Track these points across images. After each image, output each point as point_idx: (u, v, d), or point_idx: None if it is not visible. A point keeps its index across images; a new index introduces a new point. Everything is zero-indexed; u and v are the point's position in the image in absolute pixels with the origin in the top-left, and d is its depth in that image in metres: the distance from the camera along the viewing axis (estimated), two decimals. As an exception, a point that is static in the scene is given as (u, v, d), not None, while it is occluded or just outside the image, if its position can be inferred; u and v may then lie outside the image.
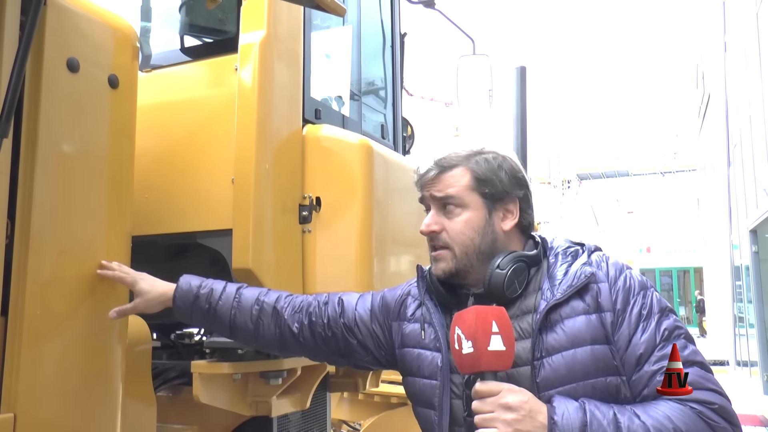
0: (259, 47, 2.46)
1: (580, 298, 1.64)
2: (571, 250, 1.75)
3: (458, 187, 1.76)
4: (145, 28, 3.22)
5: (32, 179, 1.81)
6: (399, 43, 3.82)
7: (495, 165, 1.76)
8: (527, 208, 1.80)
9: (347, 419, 6.06)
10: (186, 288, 2.09)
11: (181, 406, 2.89)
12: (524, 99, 7.74)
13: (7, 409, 1.72)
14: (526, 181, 1.81)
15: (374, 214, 2.66)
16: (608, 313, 1.62)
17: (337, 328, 1.99)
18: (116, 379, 2.09)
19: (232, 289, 2.08)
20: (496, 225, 1.76)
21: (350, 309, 2.01)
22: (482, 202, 1.75)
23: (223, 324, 2.08)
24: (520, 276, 1.69)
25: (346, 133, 2.81)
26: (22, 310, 1.77)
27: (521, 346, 1.63)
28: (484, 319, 1.52)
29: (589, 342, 1.59)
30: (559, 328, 1.62)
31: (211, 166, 2.59)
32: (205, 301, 2.06)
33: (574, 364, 1.58)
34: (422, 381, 1.79)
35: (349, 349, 2.01)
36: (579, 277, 1.65)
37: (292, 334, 2.02)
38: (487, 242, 1.74)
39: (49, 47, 1.88)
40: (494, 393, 1.51)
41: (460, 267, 1.75)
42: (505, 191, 1.75)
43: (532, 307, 1.68)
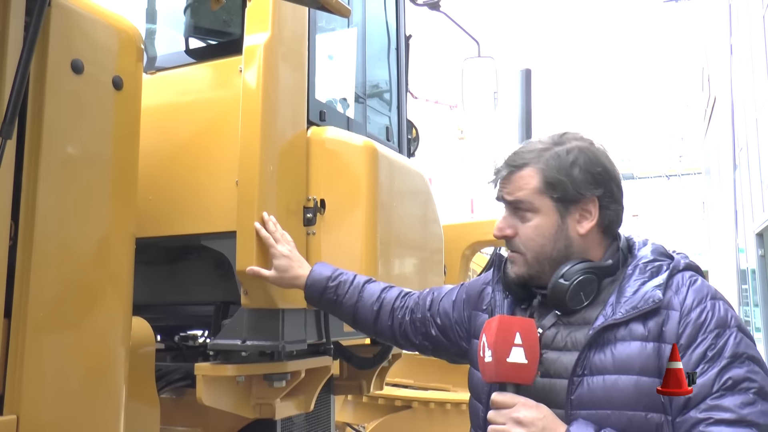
0: (264, 49, 2.45)
1: (642, 322, 1.51)
2: (653, 266, 1.58)
3: (527, 190, 1.65)
4: (150, 29, 3.22)
5: (36, 181, 1.81)
6: (404, 46, 3.81)
7: (568, 162, 1.61)
8: (610, 204, 1.64)
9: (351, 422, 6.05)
10: (318, 277, 2.19)
11: (185, 409, 2.89)
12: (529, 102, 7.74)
13: (10, 411, 1.72)
14: (609, 174, 1.64)
15: (379, 216, 2.65)
16: (669, 345, 1.47)
17: (427, 320, 2.02)
18: (120, 381, 2.08)
19: (359, 283, 2.17)
20: (571, 229, 1.63)
21: (437, 300, 2.03)
22: (553, 206, 1.63)
23: (347, 315, 2.21)
24: (587, 288, 1.58)
25: (350, 135, 2.80)
26: (26, 312, 1.76)
27: (569, 358, 1.55)
28: (507, 330, 1.49)
29: (637, 372, 1.47)
30: (609, 349, 1.51)
31: (215, 167, 2.58)
32: (333, 293, 2.17)
33: (614, 390, 1.48)
34: (477, 374, 1.73)
35: (439, 342, 2.01)
36: (647, 300, 1.51)
37: (402, 332, 2.09)
38: (559, 248, 1.63)
39: (54, 49, 1.88)
40: (509, 405, 1.47)
41: (533, 273, 1.67)
42: (578, 192, 1.61)
43: (592, 320, 1.57)
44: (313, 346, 2.79)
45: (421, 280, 3.10)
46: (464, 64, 4.41)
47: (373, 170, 2.66)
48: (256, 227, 2.29)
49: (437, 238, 3.36)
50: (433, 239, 3.31)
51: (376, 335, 2.24)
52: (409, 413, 5.71)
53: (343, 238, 2.60)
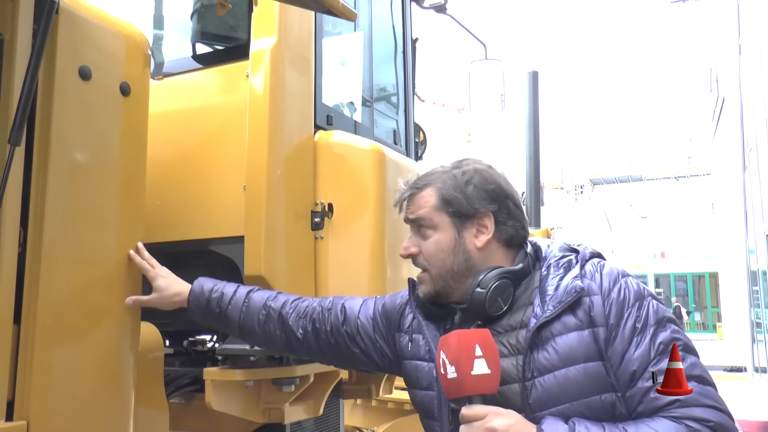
0: (271, 53, 2.46)
1: (572, 313, 1.59)
2: (564, 261, 1.68)
3: (427, 208, 1.75)
4: (157, 35, 3.23)
5: (44, 187, 1.82)
6: (411, 49, 3.81)
7: (462, 181, 1.73)
8: (507, 220, 1.74)
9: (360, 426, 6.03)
10: (198, 291, 2.15)
11: (194, 413, 2.89)
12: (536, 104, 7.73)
13: (20, 416, 1.72)
14: (504, 192, 1.75)
15: (387, 220, 2.65)
16: (601, 328, 1.56)
17: (340, 336, 2.01)
18: (129, 386, 2.08)
19: (242, 294, 2.12)
20: (469, 243, 1.72)
21: (353, 317, 2.01)
22: (450, 222, 1.73)
23: (232, 327, 2.15)
24: (503, 293, 1.66)
25: (358, 139, 2.80)
26: (35, 318, 1.77)
27: (510, 363, 1.60)
28: (467, 344, 1.50)
29: (582, 360, 1.55)
30: (550, 346, 1.58)
31: (222, 172, 2.58)
32: (216, 305, 2.12)
33: (567, 383, 1.54)
34: (422, 392, 1.80)
35: (353, 357, 2.02)
36: (569, 292, 1.60)
37: (297, 339, 2.05)
38: (459, 261, 1.72)
39: (62, 55, 1.89)
40: (480, 417, 1.49)
41: (439, 288, 1.75)
42: (473, 207, 1.72)
43: (521, 323, 1.63)
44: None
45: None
46: (471, 66, 4.41)
47: (381, 174, 2.66)
48: (130, 255, 2.11)
49: (445, 242, 3.35)
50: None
51: (267, 345, 2.19)
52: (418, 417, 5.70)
53: (351, 242, 2.60)
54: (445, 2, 4.14)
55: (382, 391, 3.65)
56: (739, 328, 19.93)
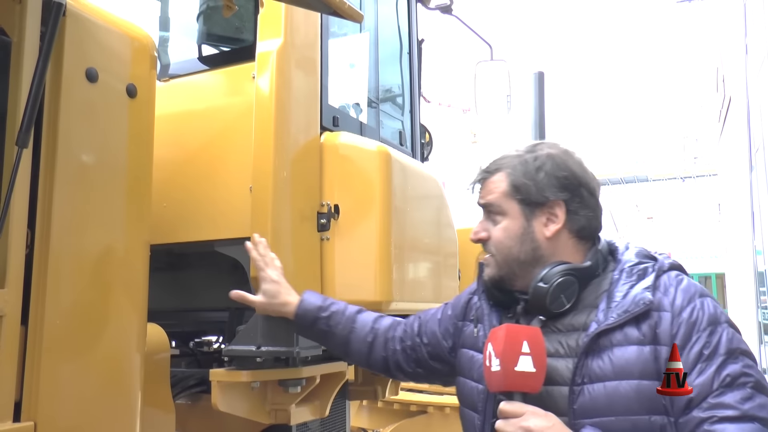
0: (277, 55, 2.46)
1: (636, 325, 1.51)
2: (639, 268, 1.60)
3: (497, 193, 1.71)
4: (164, 37, 3.24)
5: (52, 189, 1.82)
6: (417, 50, 3.81)
7: (534, 167, 1.67)
8: (580, 210, 1.67)
9: (367, 427, 6.04)
10: (308, 307, 2.12)
11: (200, 414, 2.89)
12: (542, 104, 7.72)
13: (27, 417, 1.73)
14: (578, 179, 1.67)
15: (393, 221, 2.65)
16: (665, 347, 1.48)
17: (417, 346, 2.00)
18: (135, 387, 2.09)
19: (352, 314, 2.12)
20: (537, 232, 1.66)
21: (424, 324, 2.01)
22: (520, 209, 1.68)
23: (339, 347, 2.16)
24: (567, 290, 1.59)
25: (364, 141, 2.80)
26: (42, 320, 1.77)
27: (564, 364, 1.55)
28: (514, 339, 1.48)
29: (637, 376, 1.48)
30: (607, 355, 1.51)
31: (229, 174, 2.59)
32: (325, 323, 2.11)
33: (616, 397, 1.48)
34: (471, 383, 1.76)
35: (431, 366, 2.00)
36: (637, 303, 1.52)
37: (395, 362, 2.05)
38: (526, 250, 1.66)
39: (69, 58, 1.89)
40: (518, 414, 1.46)
41: (503, 275, 1.70)
42: (543, 195, 1.65)
43: (582, 325, 1.57)
44: (328, 351, 2.78)
45: (435, 284, 3.10)
46: (477, 67, 4.41)
47: (387, 175, 2.66)
48: (247, 247, 2.22)
49: (451, 243, 3.35)
50: (447, 243, 3.30)
51: (369, 367, 2.18)
52: (425, 418, 5.69)
53: (357, 244, 2.60)
54: (450, 3, 4.14)
55: (388, 393, 3.65)
56: (746, 329, 19.85)
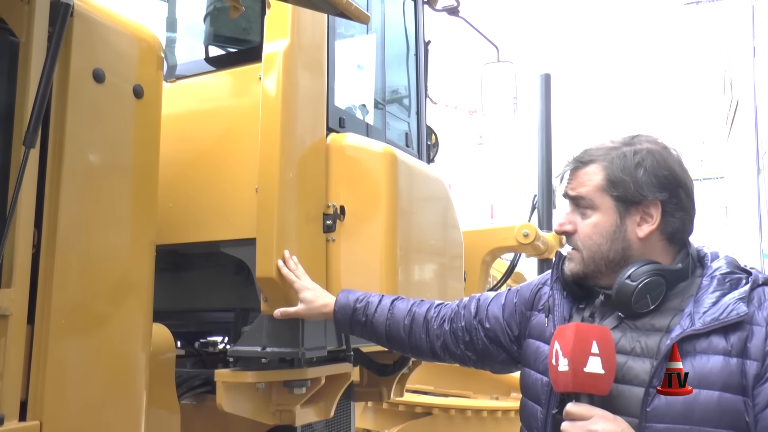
0: (283, 56, 2.46)
1: (724, 335, 1.45)
2: (732, 278, 1.53)
3: (589, 186, 1.64)
4: (170, 38, 3.24)
5: (58, 189, 1.83)
6: (423, 51, 3.81)
7: (633, 163, 1.59)
8: (675, 211, 1.60)
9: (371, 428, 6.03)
10: (344, 302, 2.21)
11: (205, 415, 2.90)
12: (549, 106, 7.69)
13: (33, 416, 1.73)
14: (678, 180, 1.60)
15: (399, 222, 2.65)
16: (755, 362, 1.41)
17: (473, 328, 1.97)
18: (140, 387, 2.09)
19: (387, 302, 2.17)
20: (630, 231, 1.59)
21: (484, 306, 1.99)
22: (613, 206, 1.60)
23: (379, 335, 2.19)
24: (654, 291, 1.53)
25: (370, 142, 2.80)
26: (48, 319, 1.77)
27: (640, 364, 1.51)
28: (583, 338, 1.44)
29: (719, 387, 1.42)
30: (689, 362, 1.45)
31: (235, 175, 2.59)
32: (362, 314, 2.17)
33: (694, 406, 1.42)
34: (536, 375, 1.72)
35: (485, 350, 1.97)
36: (729, 312, 1.45)
37: (442, 343, 2.05)
38: (616, 249, 1.60)
39: (76, 58, 1.90)
40: (585, 417, 1.42)
41: (588, 271, 1.65)
42: (640, 194, 1.58)
43: (665, 327, 1.52)
44: (333, 352, 2.78)
45: (440, 286, 3.09)
46: (483, 69, 4.41)
47: (393, 176, 2.66)
48: (278, 265, 2.30)
49: (457, 244, 3.34)
50: (453, 245, 3.29)
51: (412, 351, 2.18)
52: (430, 420, 5.69)
53: (363, 245, 2.60)
54: (457, 5, 4.14)
55: (393, 394, 3.65)
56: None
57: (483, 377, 6.04)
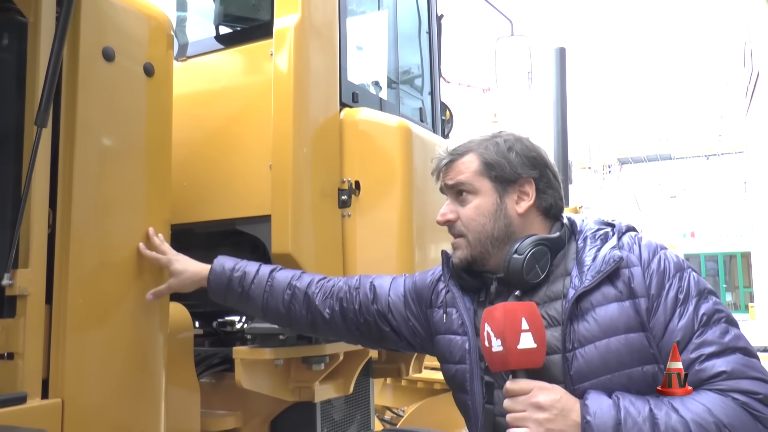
0: (294, 31, 2.44)
1: (611, 284, 1.57)
2: (600, 233, 1.67)
3: (468, 173, 1.75)
4: (181, 17, 3.23)
5: (71, 168, 1.83)
6: (436, 26, 3.76)
7: (505, 148, 1.74)
8: (547, 189, 1.74)
9: (390, 405, 6.07)
10: (219, 271, 2.12)
11: (224, 392, 2.91)
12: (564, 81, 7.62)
13: (55, 394, 1.76)
14: (544, 160, 1.76)
15: (414, 196, 2.63)
16: (642, 299, 1.55)
17: (370, 315, 2.00)
18: (159, 366, 2.10)
19: (265, 273, 2.11)
20: (510, 209, 1.72)
21: (383, 295, 2.00)
22: (492, 187, 1.73)
23: (255, 307, 2.13)
24: (541, 260, 1.64)
25: (384, 116, 2.77)
26: (66, 298, 1.79)
27: (550, 334, 1.58)
28: (513, 317, 1.49)
29: (623, 330, 1.53)
30: (591, 316, 1.56)
31: (248, 152, 2.58)
32: (238, 284, 2.10)
33: (608, 354, 1.52)
34: (454, 366, 1.78)
35: (383, 336, 2.01)
36: (608, 262, 1.58)
37: (324, 319, 2.04)
38: (500, 227, 1.71)
39: (85, 37, 1.90)
40: (525, 391, 1.48)
41: (476, 254, 1.74)
42: (515, 172, 1.72)
43: (560, 293, 1.62)
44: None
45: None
46: (497, 44, 4.35)
47: (408, 150, 2.63)
48: (139, 248, 2.07)
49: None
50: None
51: (291, 325, 2.16)
52: (448, 396, 5.66)
53: (378, 220, 2.58)
54: (469, -22, 4.08)
55: (412, 371, 3.65)
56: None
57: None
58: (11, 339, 1.68)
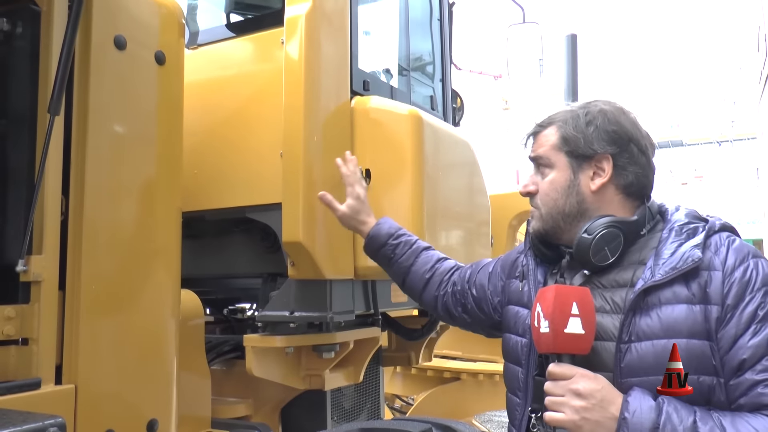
0: (305, 19, 2.43)
1: (685, 283, 1.48)
2: (689, 227, 1.56)
3: (546, 146, 1.72)
4: (192, 5, 3.22)
5: (84, 155, 1.84)
6: (447, 13, 3.74)
7: (584, 121, 1.67)
8: (628, 165, 1.64)
9: (400, 393, 6.09)
10: (381, 231, 2.26)
11: (236, 380, 2.93)
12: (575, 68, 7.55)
13: (68, 380, 1.78)
14: (628, 134, 1.66)
15: (425, 185, 2.62)
16: (715, 306, 1.45)
17: (465, 292, 2.05)
18: (171, 353, 2.12)
19: (418, 248, 2.23)
20: (583, 185, 1.66)
21: (475, 272, 2.06)
22: (567, 162, 1.68)
23: (398, 276, 2.27)
24: (611, 243, 1.58)
25: (395, 104, 2.76)
26: (78, 285, 1.80)
27: (610, 320, 1.54)
28: (564, 300, 1.46)
29: (686, 334, 1.45)
30: (655, 312, 1.48)
31: (259, 140, 2.58)
32: (392, 251, 2.24)
33: (665, 355, 1.45)
34: (515, 338, 1.77)
35: (475, 315, 2.04)
36: (685, 260, 1.48)
37: (444, 304, 2.12)
38: (572, 203, 1.66)
39: (97, 25, 1.90)
40: (567, 377, 1.45)
41: (548, 228, 1.71)
42: (591, 148, 1.64)
43: (629, 281, 1.56)
44: (361, 317, 2.79)
45: (468, 252, 3.07)
46: (509, 30, 4.33)
47: (419, 139, 2.63)
48: (337, 163, 2.37)
49: (484, 209, 3.31)
50: (479, 210, 3.26)
51: (421, 303, 2.25)
52: (458, 385, 5.72)
53: (389, 208, 2.58)
54: (480, -36, 4.05)
55: (422, 359, 3.66)
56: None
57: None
58: (26, 325, 1.70)
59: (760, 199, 28.48)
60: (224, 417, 2.76)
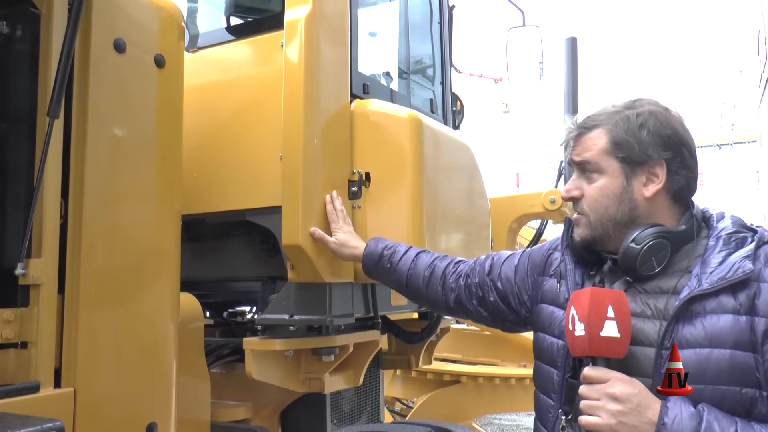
0: (305, 22, 2.43)
1: (732, 294, 1.45)
2: (737, 237, 1.53)
3: (594, 150, 1.64)
4: (192, 8, 3.23)
5: (83, 159, 1.84)
6: (447, 16, 3.74)
7: (636, 124, 1.60)
8: (680, 170, 1.60)
9: (400, 396, 6.09)
10: (373, 248, 2.32)
11: (235, 383, 2.93)
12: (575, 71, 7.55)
13: (67, 383, 1.77)
14: (680, 138, 1.61)
15: (424, 188, 2.62)
16: (764, 319, 1.42)
17: (486, 285, 2.02)
18: (170, 356, 2.12)
19: (413, 253, 2.27)
20: (636, 192, 1.60)
21: (497, 265, 2.02)
22: (619, 168, 1.61)
23: (399, 282, 2.28)
24: (659, 253, 1.54)
25: (394, 107, 2.76)
26: (78, 288, 1.80)
27: (651, 326, 1.51)
28: (599, 303, 1.45)
29: (731, 345, 1.42)
30: (700, 322, 1.45)
31: (259, 143, 2.58)
32: (388, 261, 2.28)
33: (707, 365, 1.42)
34: (551, 339, 1.74)
35: (496, 308, 2.00)
36: (736, 270, 1.45)
37: (455, 298, 2.11)
38: (624, 211, 1.61)
39: (96, 29, 1.90)
40: (603, 380, 1.43)
41: (596, 235, 1.66)
42: (645, 154, 1.58)
43: (672, 289, 1.52)
44: (361, 320, 2.79)
45: (467, 255, 3.03)
46: (509, 34, 4.33)
47: (418, 142, 2.62)
48: (326, 199, 2.43)
49: (484, 212, 3.31)
50: (479, 213, 3.26)
51: (428, 303, 2.26)
52: (458, 388, 5.72)
53: (388, 212, 2.58)
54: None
55: (422, 362, 3.66)
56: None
57: (510, 345, 6.04)
58: (25, 328, 1.70)
59: (761, 202, 28.43)
60: (224, 420, 2.76)
